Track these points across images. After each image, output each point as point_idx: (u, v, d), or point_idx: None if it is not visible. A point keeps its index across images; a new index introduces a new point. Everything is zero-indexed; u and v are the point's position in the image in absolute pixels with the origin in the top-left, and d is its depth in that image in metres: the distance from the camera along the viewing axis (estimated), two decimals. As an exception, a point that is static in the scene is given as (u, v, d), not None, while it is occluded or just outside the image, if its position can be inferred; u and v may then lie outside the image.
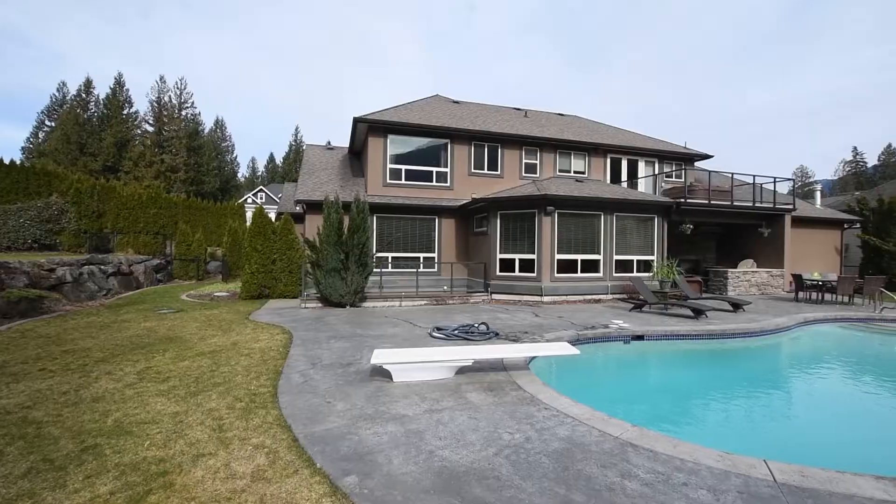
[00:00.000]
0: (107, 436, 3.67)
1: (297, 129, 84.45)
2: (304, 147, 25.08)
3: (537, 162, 17.13)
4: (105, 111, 53.11)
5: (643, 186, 18.26)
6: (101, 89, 60.55)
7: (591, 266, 13.52)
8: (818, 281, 13.94)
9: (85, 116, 51.91)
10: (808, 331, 10.16)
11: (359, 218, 11.57)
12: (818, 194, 24.35)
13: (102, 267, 13.26)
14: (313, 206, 14.44)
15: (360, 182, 16.45)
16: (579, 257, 13.39)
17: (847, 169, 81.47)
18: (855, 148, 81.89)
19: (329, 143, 22.72)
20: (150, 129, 52.77)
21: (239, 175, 77.49)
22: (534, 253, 13.09)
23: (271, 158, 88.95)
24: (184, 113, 56.09)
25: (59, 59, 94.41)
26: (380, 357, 5.39)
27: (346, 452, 3.43)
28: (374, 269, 12.76)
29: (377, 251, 13.89)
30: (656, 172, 18.67)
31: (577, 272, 13.35)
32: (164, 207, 20.75)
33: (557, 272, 13.06)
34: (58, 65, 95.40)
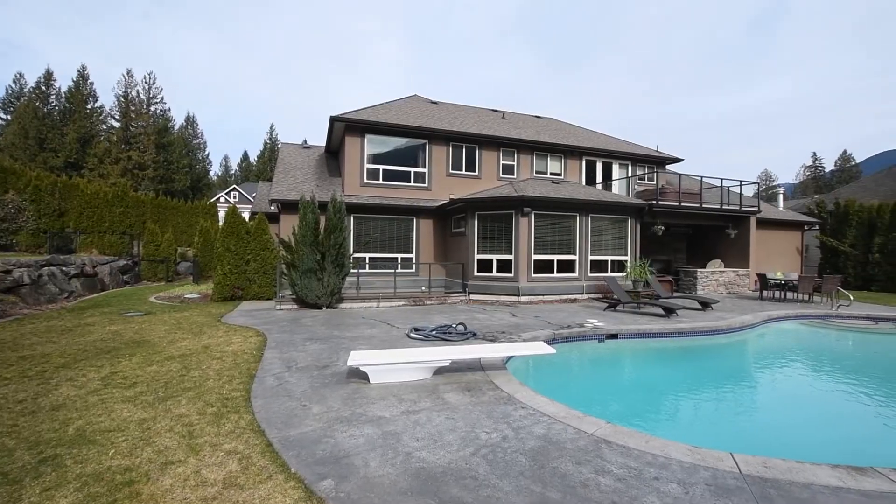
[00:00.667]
0: (67, 445, 3.50)
1: (272, 127, 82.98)
2: (279, 145, 24.60)
3: (514, 163, 17.30)
4: (67, 105, 50.70)
5: (617, 188, 18.67)
6: (63, 82, 57.92)
7: (567, 266, 13.75)
8: (781, 280, 14.57)
9: (45, 110, 49.43)
10: (771, 328, 10.60)
11: (335, 218, 11.43)
12: (780, 197, 25.45)
13: (64, 268, 12.66)
14: (289, 206, 14.19)
15: (337, 182, 16.25)
16: (555, 258, 13.59)
17: (807, 173, 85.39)
18: (814, 153, 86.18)
19: (305, 141, 22.35)
20: (117, 124, 50.73)
21: (211, 173, 75.33)
22: (511, 253, 13.22)
23: (245, 157, 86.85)
24: (153, 108, 54.14)
25: (15, 50, 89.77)
26: (357, 359, 5.34)
27: (322, 456, 3.38)
28: (352, 270, 12.62)
29: (354, 252, 13.74)
30: (629, 175, 19.13)
31: (553, 272, 13.54)
32: (131, 206, 19.99)
33: (534, 272, 13.22)
34: (14, 55, 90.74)
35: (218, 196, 59.86)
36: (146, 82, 53.77)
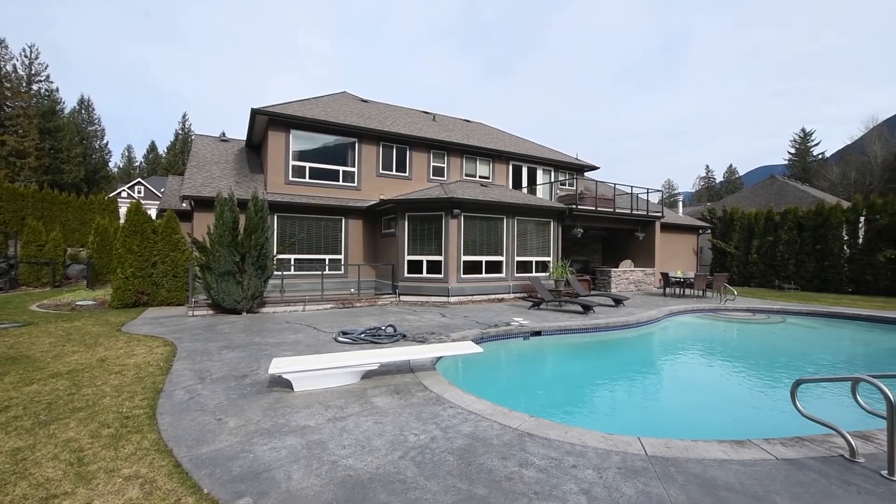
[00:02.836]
0: (-86, 486, 2.93)
1: (185, 116, 75.96)
2: (193, 137, 22.65)
3: (445, 165, 17.52)
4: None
5: (541, 193, 19.68)
6: (-88, 49, 48.23)
7: (494, 267, 14.21)
8: (680, 278, 16.30)
9: None
10: (673, 321, 11.81)
11: (257, 217, 10.77)
12: (680, 204, 28.53)
13: (-88, 272, 10.57)
14: (203, 204, 13.12)
15: (259, 179, 15.33)
16: (484, 259, 13.99)
17: (702, 183, 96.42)
18: (707, 166, 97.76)
19: (223, 134, 20.85)
20: (-14, 103, 43.46)
21: (111, 165, 67.28)
22: (441, 254, 13.37)
23: (153, 148, 78.89)
24: (35, 87, 47.22)
25: None
26: (279, 366, 5.07)
27: (240, 472, 3.16)
28: (275, 272, 11.97)
29: (278, 253, 13.03)
30: (552, 180, 20.26)
31: (482, 273, 13.92)
32: (5, 200, 17.24)
33: (464, 273, 13.49)
34: None
35: (119, 190, 53.73)
36: (26, 56, 46.76)
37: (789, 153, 70.09)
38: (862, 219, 17.87)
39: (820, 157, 67.07)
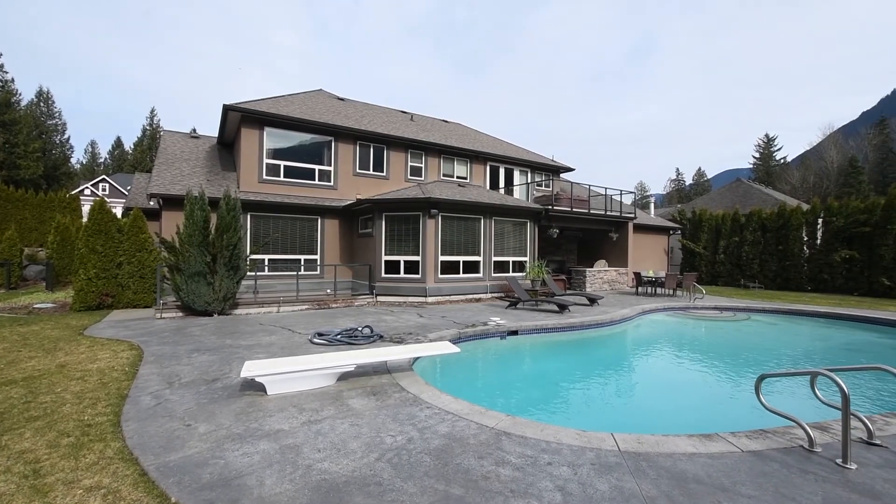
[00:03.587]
0: None
1: (153, 111, 73.43)
2: (161, 133, 21.88)
3: (422, 165, 17.48)
4: None
5: (518, 193, 19.88)
6: None
7: (472, 267, 14.26)
8: (652, 277, 16.76)
9: None
10: (645, 319, 12.13)
11: (229, 216, 10.48)
12: (652, 206, 29.36)
13: None
14: (172, 202, 12.69)
15: (232, 177, 14.93)
16: (461, 259, 14.02)
17: (672, 185, 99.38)
18: (678, 169, 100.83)
19: (194, 130, 20.19)
20: (-66, 94, 40.80)
21: (73, 161, 64.25)
22: (418, 254, 13.33)
23: (119, 143, 75.86)
24: (-13, 78, 44.63)
25: None
26: (252, 369, 4.94)
27: (210, 480, 3.06)
28: (248, 273, 11.68)
29: (251, 253, 12.72)
30: (529, 181, 20.50)
31: (459, 273, 13.96)
32: (-45, 197, 16.23)
33: (441, 273, 13.49)
34: None
35: (82, 187, 51.49)
36: (-21, 46, 44.07)
37: (754, 157, 73.04)
38: (820, 221, 18.78)
39: (782, 161, 70.17)
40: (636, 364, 8.53)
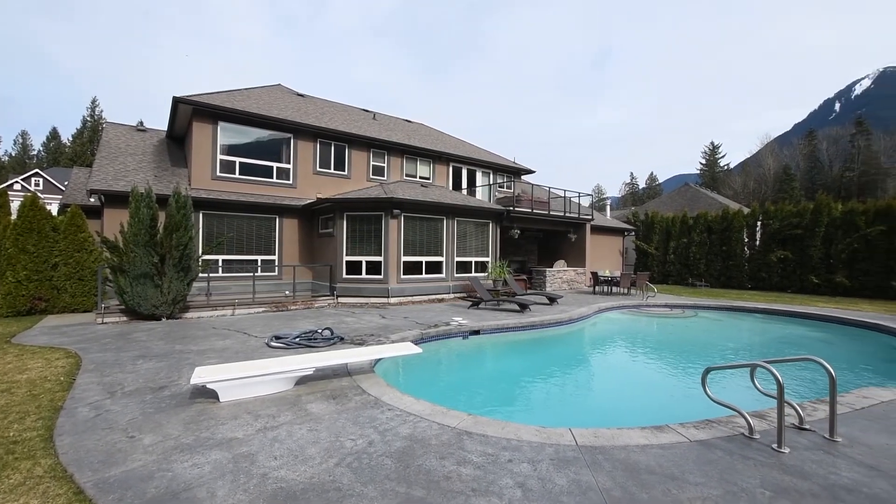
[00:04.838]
0: None
1: (94, 101, 68.37)
2: (104, 125, 20.45)
3: (385, 165, 17.31)
4: None
5: (480, 194, 20.08)
6: None
7: (434, 267, 14.26)
8: (608, 277, 17.42)
9: None
10: (602, 317, 12.57)
11: (179, 214, 9.94)
12: (608, 208, 30.50)
13: None
14: (115, 199, 11.88)
15: (183, 173, 14.18)
16: (424, 259, 13.99)
17: (627, 189, 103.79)
18: (631, 173, 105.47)
19: (141, 123, 19.01)
20: None
21: (0, 152, 58.89)
22: (381, 255, 13.18)
23: (54, 135, 70.31)
24: None
25: None
26: (203, 375, 4.71)
27: (155, 494, 2.88)
28: (201, 274, 11.12)
29: (204, 253, 12.11)
30: (491, 182, 20.75)
31: (422, 273, 13.92)
32: None
33: (404, 273, 13.40)
34: None
35: (11, 182, 47.31)
36: None
37: (701, 163, 77.62)
38: (759, 223, 20.19)
39: (726, 167, 74.98)
40: (593, 361, 8.82)
